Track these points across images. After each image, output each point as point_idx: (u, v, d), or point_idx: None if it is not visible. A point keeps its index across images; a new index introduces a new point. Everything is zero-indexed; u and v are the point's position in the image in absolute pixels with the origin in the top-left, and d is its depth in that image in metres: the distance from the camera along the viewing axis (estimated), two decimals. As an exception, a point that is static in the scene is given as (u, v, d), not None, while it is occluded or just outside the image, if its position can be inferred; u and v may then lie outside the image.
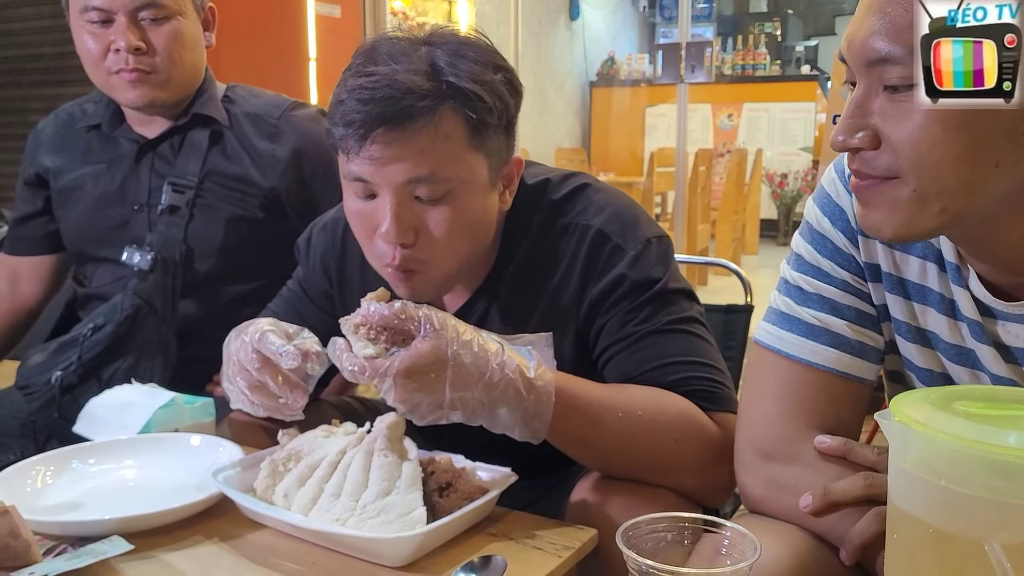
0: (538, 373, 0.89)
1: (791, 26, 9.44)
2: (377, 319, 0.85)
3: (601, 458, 0.98)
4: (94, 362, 1.42)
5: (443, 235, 0.98)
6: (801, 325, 0.89)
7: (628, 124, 8.69)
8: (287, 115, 1.53)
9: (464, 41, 1.00)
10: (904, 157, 0.72)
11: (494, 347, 0.88)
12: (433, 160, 0.95)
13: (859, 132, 0.74)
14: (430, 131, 0.94)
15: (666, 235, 1.11)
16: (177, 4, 1.42)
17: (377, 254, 1.01)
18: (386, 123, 0.93)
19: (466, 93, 0.95)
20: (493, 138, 1.00)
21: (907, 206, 0.73)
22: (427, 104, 0.94)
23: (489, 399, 0.86)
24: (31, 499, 0.95)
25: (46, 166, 1.57)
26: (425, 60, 0.96)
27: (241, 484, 0.95)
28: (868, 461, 0.82)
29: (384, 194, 0.97)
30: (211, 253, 1.49)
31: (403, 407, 0.86)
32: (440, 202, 0.97)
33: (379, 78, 0.93)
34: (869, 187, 0.75)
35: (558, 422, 0.90)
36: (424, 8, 5.91)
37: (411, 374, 0.83)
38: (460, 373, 0.85)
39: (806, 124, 8.16)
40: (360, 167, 0.96)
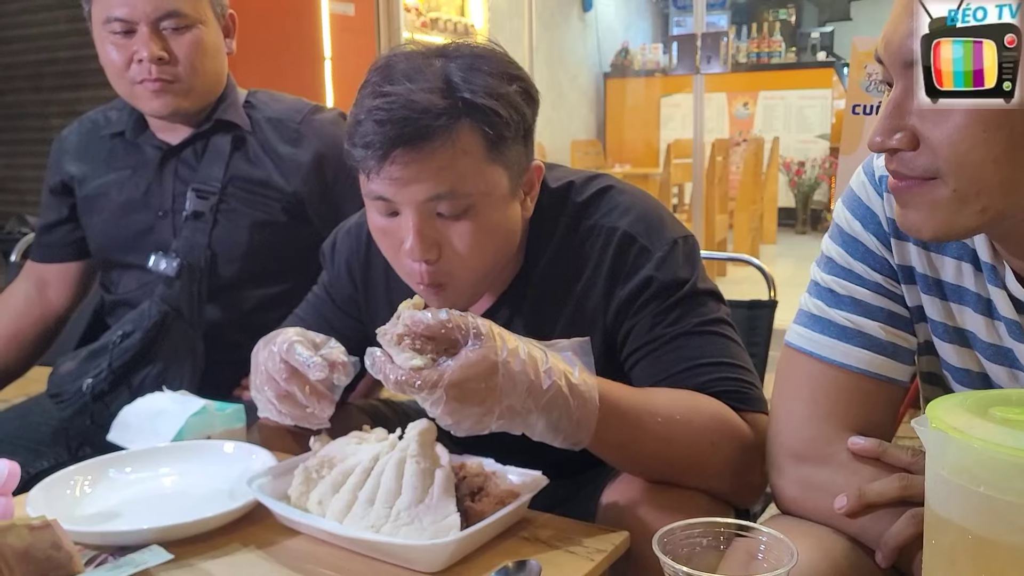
0: (582, 378, 0.89)
1: (806, 12, 9.37)
2: (423, 328, 0.83)
3: (640, 463, 0.98)
4: (124, 369, 1.44)
5: (467, 249, 0.99)
6: (833, 327, 0.89)
7: (643, 115, 8.67)
8: (308, 119, 1.54)
9: (478, 53, 1.00)
10: (943, 158, 0.71)
11: (539, 354, 0.87)
12: (453, 177, 0.95)
13: (897, 133, 0.74)
14: (448, 149, 0.95)
15: (692, 235, 1.10)
16: (198, 13, 1.43)
17: (406, 270, 1.02)
18: (404, 144, 0.93)
19: (482, 109, 0.96)
20: (511, 149, 1.00)
21: (947, 206, 0.73)
22: (444, 122, 0.94)
23: (537, 407, 0.85)
24: (71, 508, 0.97)
25: (71, 173, 1.59)
26: (440, 76, 0.96)
27: (275, 491, 0.96)
28: (902, 462, 0.82)
29: (406, 212, 0.97)
30: (235, 258, 1.50)
31: (450, 419, 0.83)
32: (462, 217, 0.98)
33: (395, 98, 0.94)
34: (908, 188, 0.75)
35: (601, 429, 0.90)
36: (437, 3, 5.90)
37: (462, 384, 0.81)
38: (510, 381, 0.83)
39: (823, 111, 8.10)
40: (381, 187, 0.97)
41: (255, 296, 1.52)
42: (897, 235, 0.88)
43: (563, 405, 0.86)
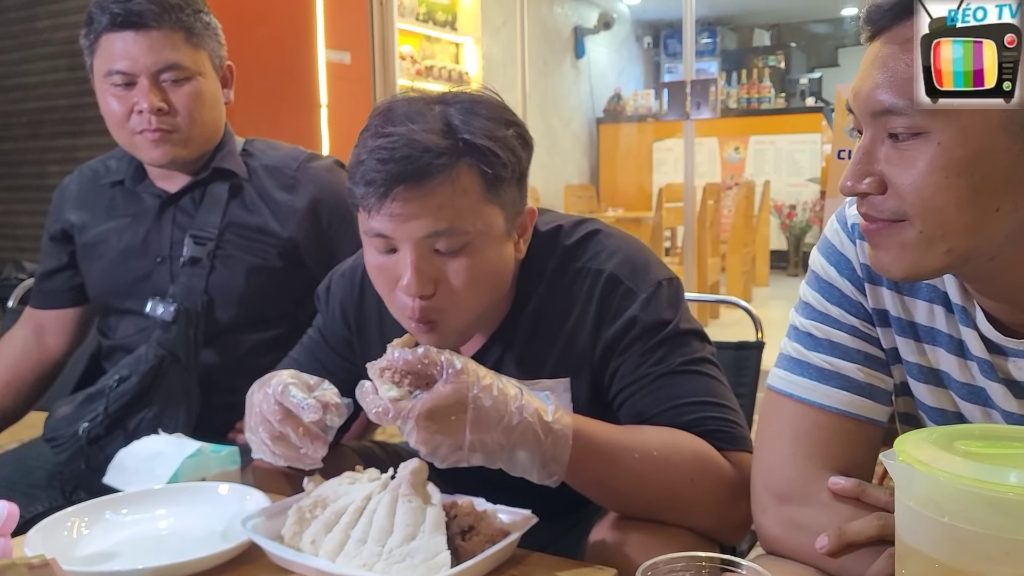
0: (556, 417, 0.92)
1: (795, 59, 9.54)
2: (401, 364, 0.89)
3: (618, 499, 1.00)
4: (120, 413, 1.45)
5: (462, 285, 1.02)
6: (812, 369, 0.92)
7: (636, 159, 8.76)
8: (304, 166, 1.57)
9: (476, 99, 1.04)
10: (909, 202, 0.75)
11: (513, 391, 0.91)
12: (451, 214, 0.99)
13: (867, 178, 0.78)
14: (448, 187, 0.98)
15: (676, 277, 1.14)
16: (197, 65, 1.48)
17: (398, 306, 1.05)
18: (405, 181, 0.97)
19: (481, 149, 0.99)
20: (508, 191, 1.04)
21: (914, 247, 0.77)
22: (444, 161, 0.97)
23: (508, 442, 0.89)
24: (68, 549, 0.98)
25: (71, 221, 1.62)
26: (440, 119, 1.00)
27: (269, 531, 0.98)
28: (881, 502, 0.84)
29: (404, 248, 1.00)
30: (232, 303, 1.52)
31: (424, 448, 0.89)
32: (459, 254, 1.01)
33: (397, 138, 0.97)
34: (878, 230, 0.79)
35: (575, 464, 0.93)
36: (432, 51, 6.01)
37: (432, 416, 0.87)
38: (480, 416, 0.88)
39: (812, 155, 8.21)
40: (381, 224, 1.00)
41: (251, 340, 1.54)
42: (871, 280, 0.92)
43: (533, 440, 0.90)
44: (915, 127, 0.74)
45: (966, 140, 0.72)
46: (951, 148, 0.73)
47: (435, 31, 6.01)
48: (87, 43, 1.48)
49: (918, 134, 0.74)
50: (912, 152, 0.74)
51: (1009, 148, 0.72)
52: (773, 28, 10.03)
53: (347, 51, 4.83)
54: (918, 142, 0.74)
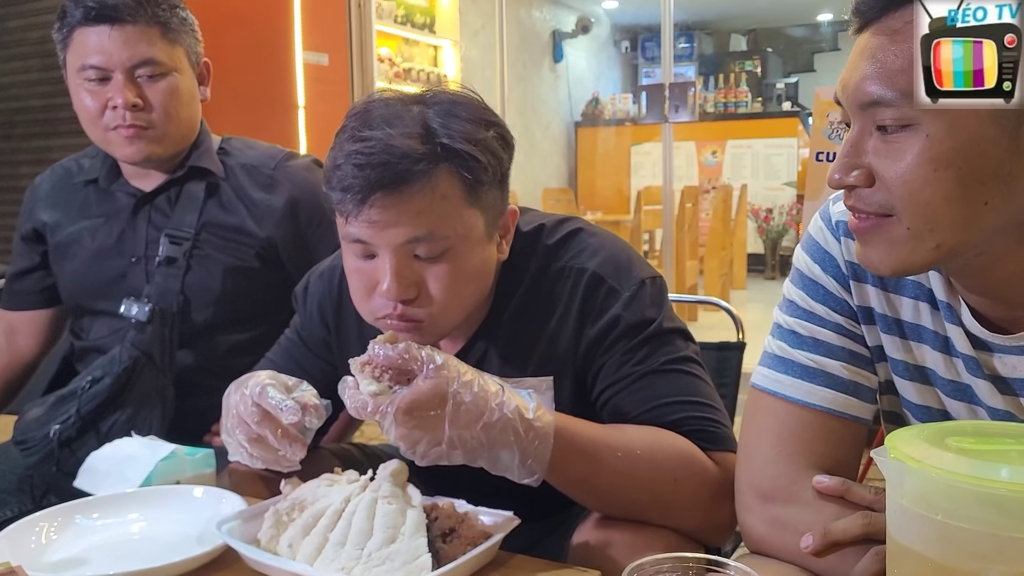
0: (537, 415, 0.91)
1: (771, 64, 9.62)
2: (383, 359, 0.87)
3: (601, 498, 0.99)
4: (92, 415, 1.42)
5: (443, 290, 1.00)
6: (796, 367, 0.91)
7: (614, 163, 8.79)
8: (282, 166, 1.55)
9: (456, 100, 1.02)
10: (897, 196, 0.75)
11: (494, 388, 0.90)
12: (431, 220, 0.97)
13: (855, 171, 0.77)
14: (427, 193, 0.96)
15: (659, 276, 1.13)
16: (173, 61, 1.45)
17: (372, 308, 1.03)
18: (383, 187, 0.95)
19: (460, 154, 0.97)
20: (488, 193, 1.02)
21: (903, 244, 0.76)
22: (423, 167, 0.96)
23: (488, 439, 0.88)
24: (36, 555, 0.95)
25: (43, 221, 1.59)
26: (418, 122, 0.98)
27: (245, 535, 0.95)
28: (866, 500, 0.83)
29: (384, 254, 0.98)
30: (208, 303, 1.50)
31: (403, 444, 0.87)
32: (439, 259, 0.99)
33: (375, 143, 0.95)
34: (867, 228, 0.78)
35: (557, 462, 0.92)
36: (410, 54, 6.00)
37: (411, 411, 0.86)
38: (459, 412, 0.86)
39: (789, 159, 8.27)
40: (359, 230, 0.98)
41: (228, 341, 1.51)
42: (856, 277, 0.91)
43: (514, 437, 0.89)
44: (904, 119, 0.73)
45: (955, 132, 0.72)
46: (940, 140, 0.72)
47: (413, 33, 5.99)
48: (60, 37, 1.45)
49: (907, 126, 0.73)
50: (900, 144, 0.74)
51: (998, 141, 0.71)
52: (750, 33, 10.11)
53: (325, 53, 4.80)
54: (907, 134, 0.73)
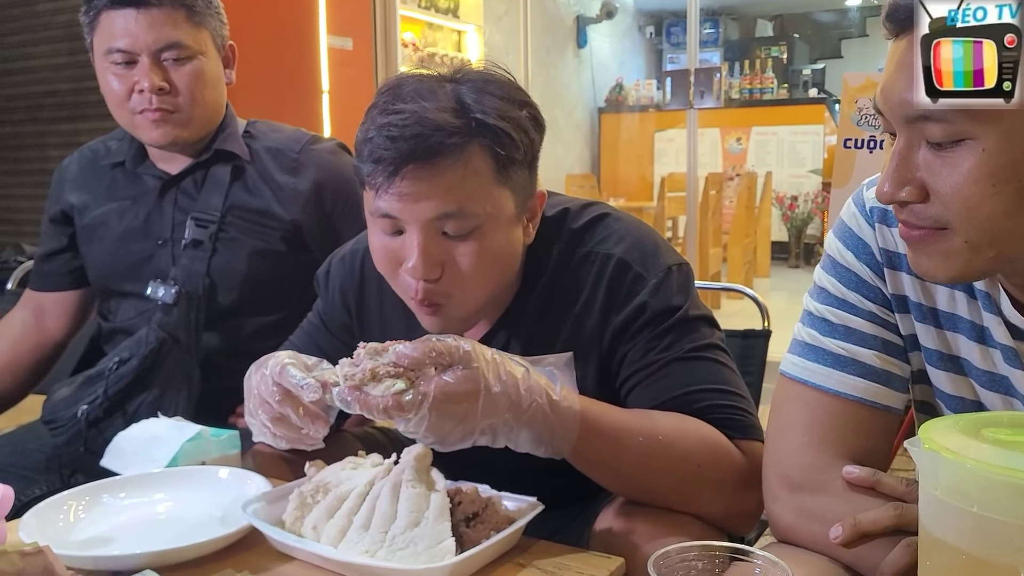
0: (563, 395, 0.91)
1: (797, 50, 9.50)
2: (407, 361, 0.84)
3: (623, 482, 0.99)
4: (119, 395, 1.43)
5: (470, 269, 0.99)
6: (828, 356, 0.90)
7: (637, 149, 8.73)
8: (307, 149, 1.55)
9: (488, 78, 1.01)
10: (954, 212, 0.73)
11: (520, 371, 0.89)
12: (461, 196, 0.96)
13: (906, 186, 0.75)
14: (459, 167, 0.95)
15: (686, 262, 1.12)
16: (199, 44, 1.45)
17: (402, 287, 1.03)
18: (416, 160, 0.94)
19: (494, 130, 0.97)
20: (519, 173, 1.01)
21: (959, 255, 0.74)
22: (456, 140, 0.95)
23: (517, 423, 0.88)
24: (64, 533, 0.96)
25: (71, 203, 1.60)
26: (451, 97, 0.97)
27: (270, 516, 0.96)
28: (896, 492, 0.82)
29: (412, 230, 0.98)
30: (233, 286, 1.51)
31: (433, 436, 0.85)
32: (468, 237, 0.98)
33: (408, 115, 0.94)
34: (920, 238, 0.77)
35: (580, 444, 0.91)
36: (434, 39, 5.98)
37: (446, 403, 0.84)
38: (491, 400, 0.85)
39: (815, 146, 8.18)
40: (388, 203, 0.97)
41: (252, 324, 1.52)
42: (890, 264, 0.89)
43: (542, 421, 0.88)
44: (957, 134, 0.71)
45: (1011, 144, 0.69)
46: (997, 154, 0.69)
47: (437, 18, 5.97)
48: (87, 20, 1.45)
49: (960, 140, 0.71)
50: (955, 159, 0.71)
51: None
52: (776, 19, 9.98)
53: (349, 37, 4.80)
54: (962, 149, 0.71)
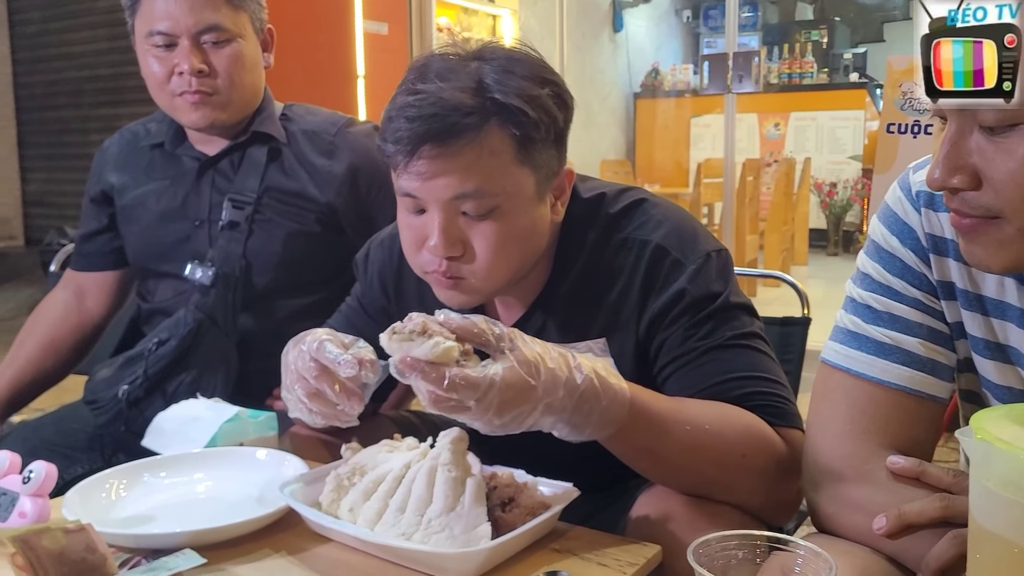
0: (609, 371, 0.89)
1: (838, 33, 9.31)
2: (454, 327, 0.82)
3: (666, 471, 0.97)
4: (159, 376, 1.45)
5: (490, 249, 1.00)
6: (871, 343, 0.88)
7: (673, 135, 8.65)
8: (343, 131, 1.56)
9: (513, 56, 1.01)
10: (1007, 199, 0.71)
11: (564, 352, 0.87)
12: (479, 176, 0.96)
13: (957, 173, 0.73)
14: (475, 147, 0.96)
15: (725, 249, 1.10)
16: (238, 27, 1.46)
17: (421, 263, 1.03)
18: (432, 140, 0.95)
19: (511, 109, 0.97)
20: (541, 152, 1.00)
21: (1012, 243, 0.73)
22: (472, 121, 0.95)
23: (571, 402, 0.84)
24: (105, 511, 0.98)
25: (111, 183, 1.62)
26: (473, 77, 0.97)
27: (307, 498, 0.97)
28: (943, 483, 0.80)
29: (432, 209, 0.99)
30: (269, 267, 1.52)
31: (498, 420, 0.81)
32: (487, 217, 0.99)
33: (426, 96, 0.95)
34: (972, 227, 0.75)
35: (627, 430, 0.89)
36: (469, 23, 5.95)
37: (512, 384, 0.80)
38: (551, 378, 0.82)
39: (855, 132, 8.04)
40: (408, 183, 0.98)
41: (288, 306, 1.53)
42: (936, 250, 0.87)
43: (595, 398, 0.86)
44: (1011, 118, 0.69)
45: None
46: None
47: (472, 3, 5.94)
48: (128, 3, 1.47)
49: (1016, 125, 0.69)
50: (1009, 144, 0.69)
51: None
52: (816, 2, 9.79)
53: (385, 22, 4.80)
54: (1016, 134, 0.69)
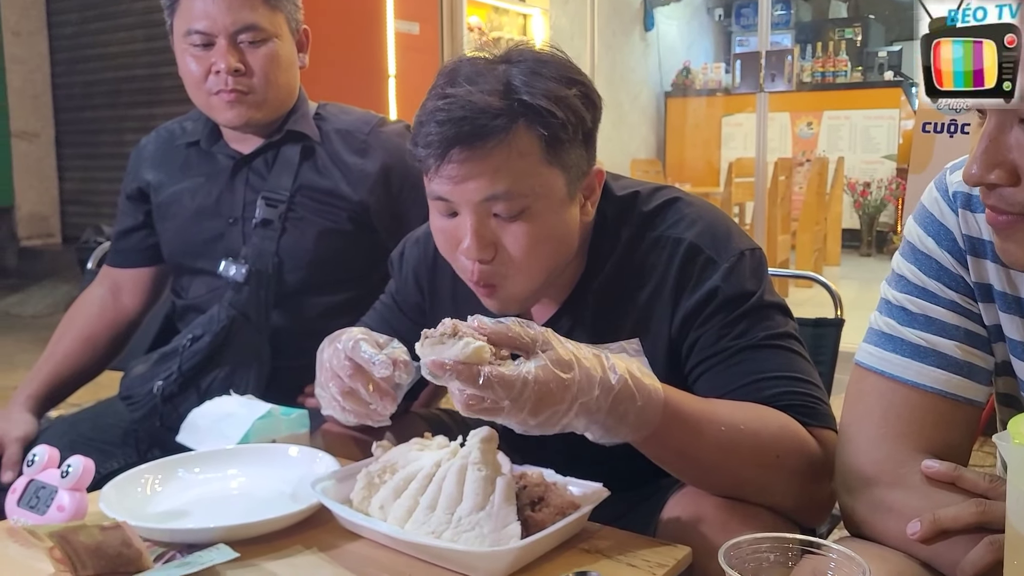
0: (642, 372, 0.88)
1: (872, 31, 9.19)
2: (488, 331, 0.82)
3: (700, 472, 0.96)
4: (193, 372, 1.47)
5: (522, 250, 1.00)
6: (906, 346, 0.87)
7: (704, 134, 8.59)
8: (376, 131, 1.57)
9: (540, 58, 1.02)
10: None
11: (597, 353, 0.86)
12: (508, 177, 0.97)
13: (995, 169, 0.72)
14: (504, 149, 0.96)
15: (759, 247, 1.09)
16: (274, 27, 1.47)
17: (461, 268, 1.05)
18: (461, 143, 0.96)
19: (538, 110, 0.97)
20: (570, 152, 1.01)
21: None
22: (500, 123, 0.96)
23: (606, 403, 0.83)
24: (141, 505, 0.99)
25: (147, 180, 1.64)
26: (501, 79, 0.99)
27: (338, 495, 0.97)
28: (979, 488, 0.79)
29: (464, 212, 1.00)
30: (301, 265, 1.53)
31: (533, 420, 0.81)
32: (518, 218, 1.00)
33: (455, 99, 0.97)
34: (1009, 223, 0.74)
35: (661, 430, 0.88)
36: (500, 23, 5.96)
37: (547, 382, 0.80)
38: (585, 378, 0.82)
39: (889, 131, 7.92)
40: (440, 186, 0.99)
41: (319, 304, 1.54)
42: (974, 252, 0.86)
43: (630, 399, 0.85)
44: None
45: None
46: None
47: (503, 2, 5.95)
48: (167, 2, 1.49)
49: None
50: None
51: None
52: (851, -1, 9.69)
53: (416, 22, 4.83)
54: None
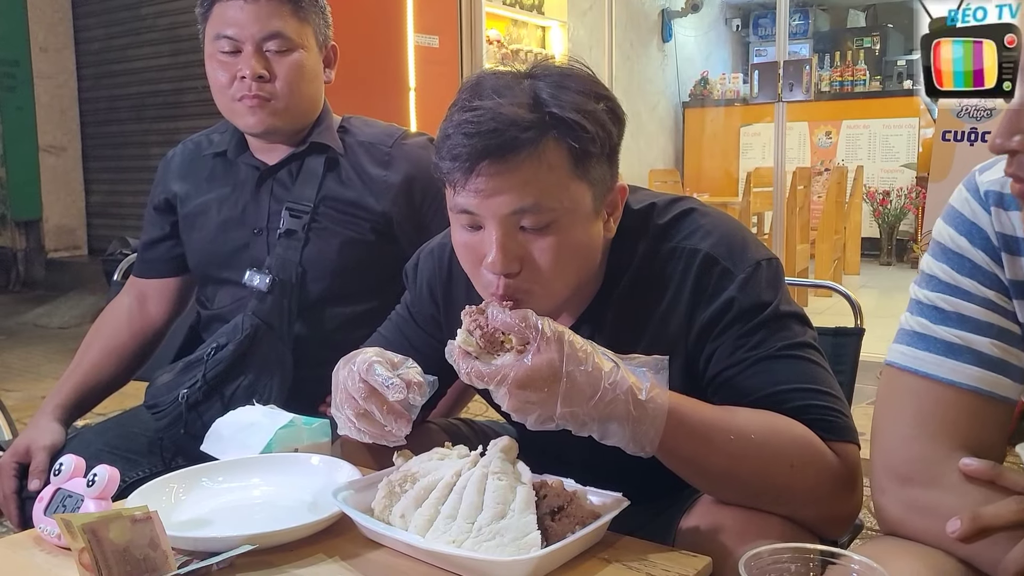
0: (651, 395, 0.90)
1: (891, 40, 9.15)
2: (500, 324, 0.89)
3: (712, 480, 0.97)
4: (217, 380, 1.49)
5: (548, 264, 1.00)
6: (939, 344, 0.87)
7: (722, 144, 8.58)
8: (399, 143, 1.58)
9: (566, 72, 1.02)
10: None
11: (608, 366, 0.89)
12: (537, 190, 0.97)
13: (1017, 135, 0.73)
14: (534, 162, 0.96)
15: (776, 257, 1.09)
16: (301, 38, 1.50)
17: (484, 283, 1.04)
18: (491, 155, 0.95)
19: (568, 123, 0.97)
20: (596, 167, 1.01)
21: None
22: (530, 135, 0.96)
23: (598, 415, 0.88)
24: (166, 514, 0.99)
25: (174, 191, 1.67)
26: (528, 93, 0.98)
27: (359, 504, 0.98)
28: (1019, 486, 0.79)
29: (490, 225, 0.99)
30: (324, 275, 1.55)
31: (515, 416, 0.89)
32: (545, 232, 0.99)
33: (483, 112, 0.96)
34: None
35: (668, 441, 0.91)
36: (519, 35, 6.00)
37: (525, 386, 0.86)
38: (572, 389, 0.87)
39: (909, 140, 7.88)
40: (466, 199, 0.98)
41: (342, 314, 1.56)
42: (1008, 249, 0.86)
43: (623, 417, 0.88)
44: None
45: None
46: None
47: (522, 15, 5.99)
48: (201, 11, 1.53)
49: None
50: None
51: None
52: (869, 8, 9.64)
53: (435, 35, 4.86)
54: None
